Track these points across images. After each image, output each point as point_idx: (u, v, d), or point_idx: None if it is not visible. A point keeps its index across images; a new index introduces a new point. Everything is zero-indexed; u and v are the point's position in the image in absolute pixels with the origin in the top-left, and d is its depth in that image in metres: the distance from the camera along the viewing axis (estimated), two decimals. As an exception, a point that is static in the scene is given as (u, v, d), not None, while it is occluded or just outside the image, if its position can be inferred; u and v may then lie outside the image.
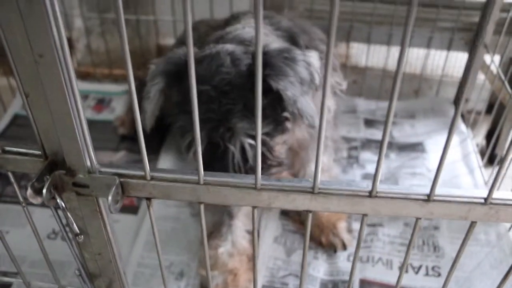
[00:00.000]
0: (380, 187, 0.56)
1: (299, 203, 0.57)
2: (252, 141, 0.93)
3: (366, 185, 0.57)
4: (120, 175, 0.59)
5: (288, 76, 0.92)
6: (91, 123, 1.71)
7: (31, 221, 0.72)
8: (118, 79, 1.99)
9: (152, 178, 0.59)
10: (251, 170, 0.95)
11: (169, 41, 1.96)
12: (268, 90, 0.90)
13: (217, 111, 0.91)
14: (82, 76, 2.02)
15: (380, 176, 0.55)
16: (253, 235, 0.61)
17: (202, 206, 0.60)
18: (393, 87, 0.50)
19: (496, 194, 0.57)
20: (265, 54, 0.92)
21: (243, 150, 0.94)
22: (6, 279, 1.10)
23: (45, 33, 0.47)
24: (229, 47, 0.98)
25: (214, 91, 0.92)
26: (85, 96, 1.85)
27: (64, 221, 0.68)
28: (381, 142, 0.53)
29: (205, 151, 0.92)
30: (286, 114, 0.98)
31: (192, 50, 0.47)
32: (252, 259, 0.67)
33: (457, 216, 0.58)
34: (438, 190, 0.56)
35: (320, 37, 1.18)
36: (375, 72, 1.88)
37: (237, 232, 1.18)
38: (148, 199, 0.61)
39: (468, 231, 0.60)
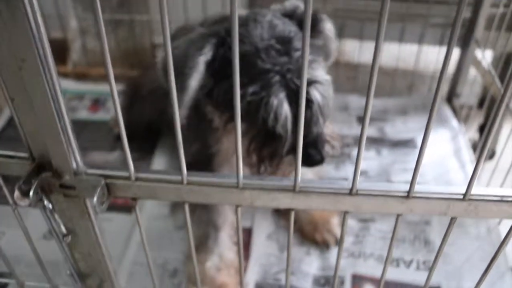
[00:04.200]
0: (360, 185, 0.57)
1: (281, 201, 0.58)
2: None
3: (347, 184, 0.58)
4: (105, 177, 0.60)
5: None
6: (86, 123, 1.73)
7: (22, 223, 0.73)
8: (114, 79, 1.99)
9: (137, 179, 0.60)
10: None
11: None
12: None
13: (293, 62, 0.86)
14: (78, 76, 2.03)
15: (371, 172, 0.56)
16: (238, 235, 0.63)
17: (186, 206, 0.61)
18: (369, 85, 0.51)
19: (474, 190, 0.58)
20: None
21: None
22: (2, 280, 1.11)
23: (26, 39, 0.48)
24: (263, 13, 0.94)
25: (280, 44, 0.87)
26: (80, 96, 1.85)
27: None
28: (359, 141, 0.54)
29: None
30: None
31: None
32: (238, 260, 0.68)
33: (437, 212, 0.59)
34: (417, 187, 0.58)
35: None
36: (368, 69, 1.88)
37: (223, 244, 1.17)
38: (134, 199, 0.62)
39: (448, 227, 0.61)
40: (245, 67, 0.83)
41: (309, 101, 0.86)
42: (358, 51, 1.86)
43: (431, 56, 1.87)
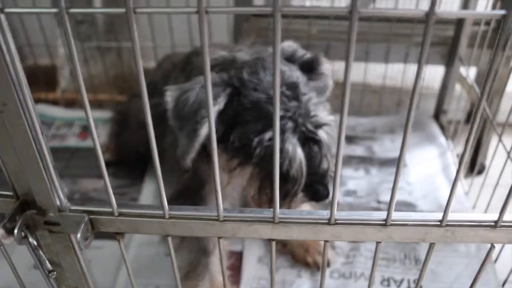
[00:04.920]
0: (339, 214, 0.58)
1: (262, 232, 0.59)
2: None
3: (326, 213, 0.59)
4: (89, 212, 0.61)
5: None
6: (76, 150, 1.74)
7: (9, 260, 0.73)
8: (102, 104, 2.01)
9: (120, 214, 0.61)
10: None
11: (151, 64, 1.99)
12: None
13: (303, 106, 0.92)
14: (67, 102, 2.04)
15: (360, 192, 0.57)
16: (221, 264, 0.63)
17: (169, 239, 0.62)
18: (342, 105, 0.52)
19: (451, 216, 0.59)
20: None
21: None
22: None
23: (6, 84, 0.50)
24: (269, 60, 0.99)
25: (289, 90, 0.93)
26: (70, 123, 1.87)
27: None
28: (334, 172, 0.55)
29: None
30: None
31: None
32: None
33: (415, 238, 0.60)
34: (395, 215, 0.59)
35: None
36: (355, 87, 1.91)
37: (213, 268, 1.17)
38: (118, 233, 0.63)
39: (427, 253, 0.62)
40: (259, 114, 0.90)
41: (318, 142, 0.93)
42: (344, 71, 1.88)
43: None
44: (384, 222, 0.59)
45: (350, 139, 1.72)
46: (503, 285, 1.20)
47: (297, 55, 1.03)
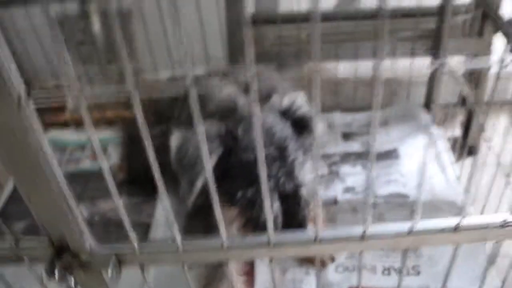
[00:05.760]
0: (322, 234, 0.69)
1: (262, 254, 0.71)
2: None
3: (312, 234, 0.70)
4: (116, 253, 0.73)
5: None
6: (90, 173, 1.83)
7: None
8: (111, 122, 2.10)
9: (141, 253, 0.72)
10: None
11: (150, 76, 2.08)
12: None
13: (287, 166, 1.01)
14: (77, 123, 2.13)
15: (357, 188, 0.66)
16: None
17: (185, 266, 0.74)
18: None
19: (419, 225, 0.70)
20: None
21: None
22: None
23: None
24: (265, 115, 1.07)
25: (276, 151, 1.01)
26: (82, 147, 1.96)
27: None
28: (314, 197, 0.66)
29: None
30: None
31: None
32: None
33: (391, 247, 0.71)
34: (370, 229, 0.69)
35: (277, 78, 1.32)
36: (348, 83, 2.00)
37: (231, 276, 1.23)
38: (141, 267, 0.74)
39: (402, 260, 0.73)
40: (245, 172, 1.00)
41: (296, 198, 1.01)
42: (336, 69, 1.96)
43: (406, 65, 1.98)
44: (362, 236, 0.69)
45: (347, 136, 1.82)
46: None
47: (293, 108, 1.09)
